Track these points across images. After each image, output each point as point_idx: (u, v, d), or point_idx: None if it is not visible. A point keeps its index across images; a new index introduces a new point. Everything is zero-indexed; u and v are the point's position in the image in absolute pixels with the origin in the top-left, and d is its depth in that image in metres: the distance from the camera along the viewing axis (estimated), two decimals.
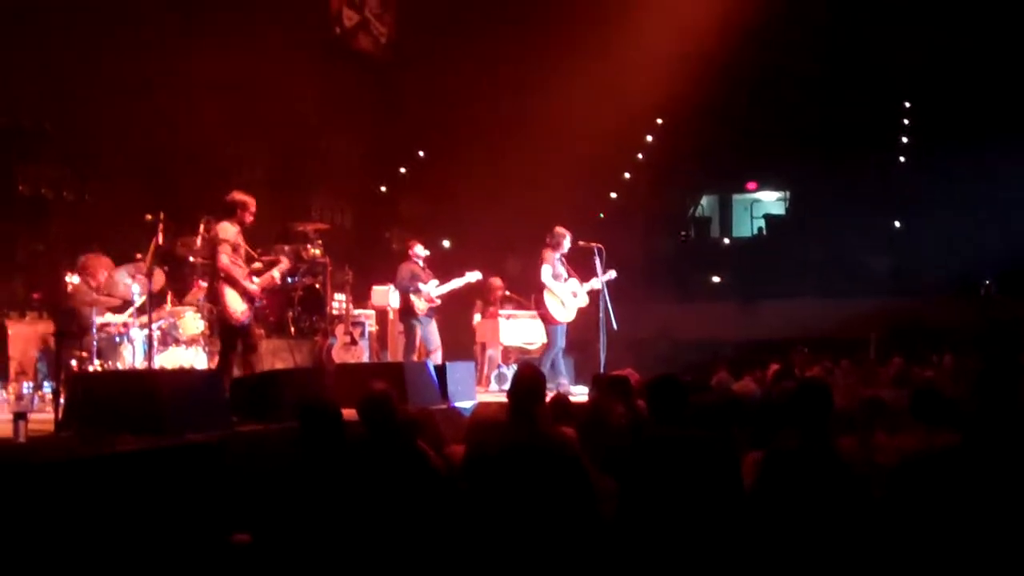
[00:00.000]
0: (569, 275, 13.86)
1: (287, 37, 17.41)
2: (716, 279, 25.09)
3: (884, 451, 6.52)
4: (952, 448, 5.04)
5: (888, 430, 6.92)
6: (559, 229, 13.82)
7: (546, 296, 13.65)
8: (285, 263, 11.46)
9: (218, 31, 15.91)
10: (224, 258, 10.39)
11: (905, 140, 25.04)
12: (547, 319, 13.83)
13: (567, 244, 13.81)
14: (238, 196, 10.69)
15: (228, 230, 10.48)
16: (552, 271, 13.64)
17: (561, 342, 13.89)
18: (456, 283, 14.57)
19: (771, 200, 28.60)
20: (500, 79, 20.61)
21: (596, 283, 13.87)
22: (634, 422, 7.05)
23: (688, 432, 5.98)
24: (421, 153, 22.65)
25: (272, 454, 7.91)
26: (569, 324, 13.93)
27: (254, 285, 10.59)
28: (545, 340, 14.42)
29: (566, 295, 13.74)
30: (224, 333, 10.79)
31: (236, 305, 10.41)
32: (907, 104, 24.97)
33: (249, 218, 10.69)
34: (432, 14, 21.25)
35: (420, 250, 14.47)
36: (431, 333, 14.26)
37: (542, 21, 20.26)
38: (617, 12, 19.71)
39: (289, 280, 13.85)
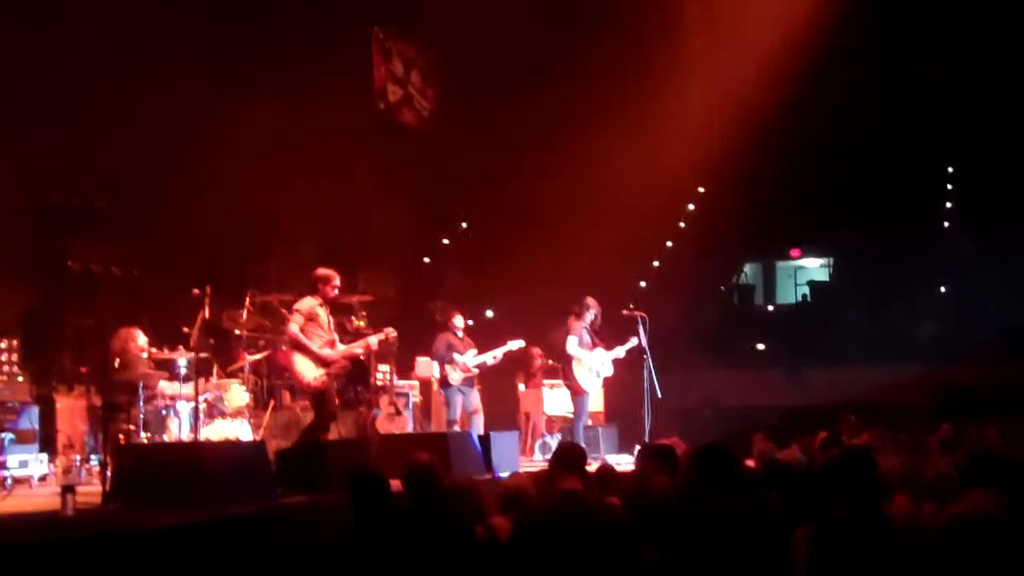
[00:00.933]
0: (595, 345, 13.88)
1: (333, 112, 17.64)
2: (760, 346, 24.94)
3: (933, 517, 6.45)
4: (1003, 514, 4.98)
5: (937, 497, 6.84)
6: (588, 300, 13.88)
7: (574, 366, 13.65)
8: (386, 332, 11.86)
9: (265, 107, 16.15)
10: (293, 327, 10.87)
11: (949, 205, 24.91)
12: (575, 389, 13.81)
13: (591, 315, 13.84)
14: (320, 271, 11.24)
15: (305, 302, 11.02)
16: (578, 340, 13.67)
17: (585, 412, 13.91)
18: (497, 352, 14.64)
19: (815, 267, 28.47)
20: (542, 149, 20.71)
21: (620, 352, 13.90)
22: (679, 492, 7.00)
23: (732, 503, 5.93)
24: (464, 224, 22.77)
25: (317, 526, 7.92)
26: (613, 393, 13.92)
27: (332, 352, 10.85)
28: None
29: (594, 364, 13.76)
30: (310, 400, 11.16)
31: (307, 371, 10.77)
32: (951, 169, 24.86)
33: (331, 292, 11.21)
34: (473, 87, 21.47)
35: (459, 321, 14.62)
36: (472, 400, 14.32)
37: (583, 92, 20.40)
38: (658, 82, 19.80)
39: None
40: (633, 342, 13.97)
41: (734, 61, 19.78)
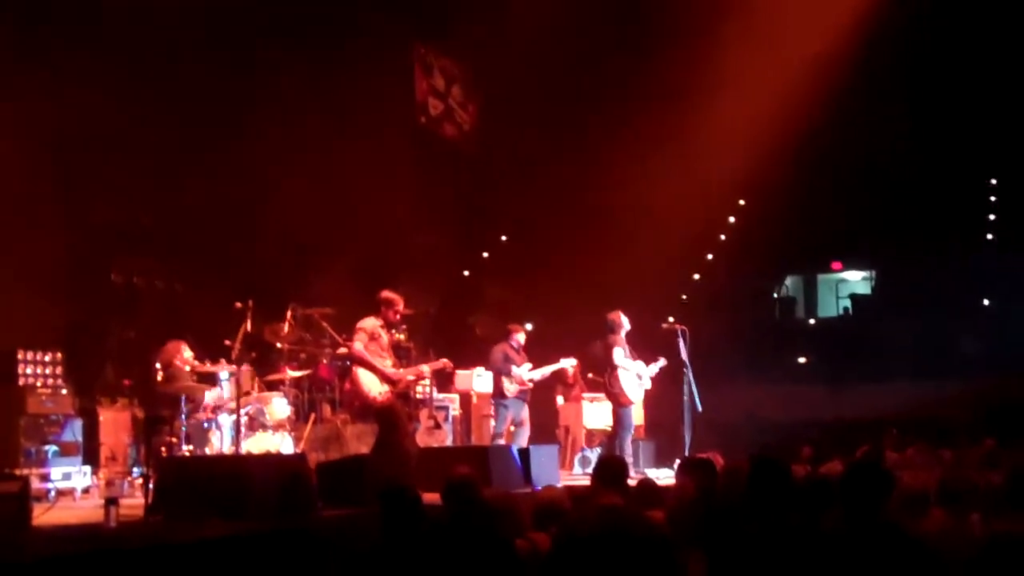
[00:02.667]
0: (633, 358, 13.92)
1: (374, 126, 17.72)
2: (802, 360, 24.82)
3: (975, 532, 6.41)
4: None
5: (980, 512, 6.79)
6: (612, 314, 14.03)
7: (621, 376, 13.65)
8: (443, 363, 12.23)
9: (306, 122, 16.25)
10: (357, 344, 11.02)
11: (992, 217, 24.73)
12: (621, 401, 13.78)
13: (626, 324, 13.90)
14: (384, 294, 11.37)
15: (368, 322, 11.16)
16: (624, 352, 13.69)
17: (631, 424, 13.91)
18: (550, 368, 14.73)
19: (856, 280, 28.32)
20: (582, 162, 20.73)
21: (653, 369, 13.92)
22: (719, 506, 6.97)
23: (783, 522, 5.87)
24: (504, 238, 22.79)
25: (358, 538, 7.94)
26: (652, 407, 13.92)
27: (394, 372, 10.97)
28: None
29: (637, 376, 13.79)
30: (376, 417, 11.29)
31: (372, 386, 10.90)
32: (993, 181, 24.69)
33: (394, 316, 11.42)
34: (514, 101, 21.50)
35: (520, 336, 14.69)
36: (521, 413, 14.37)
37: (622, 105, 20.39)
38: (699, 95, 19.77)
39: None
40: (662, 362, 14.01)
41: (774, 75, 19.71)
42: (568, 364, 15.22)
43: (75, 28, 13.57)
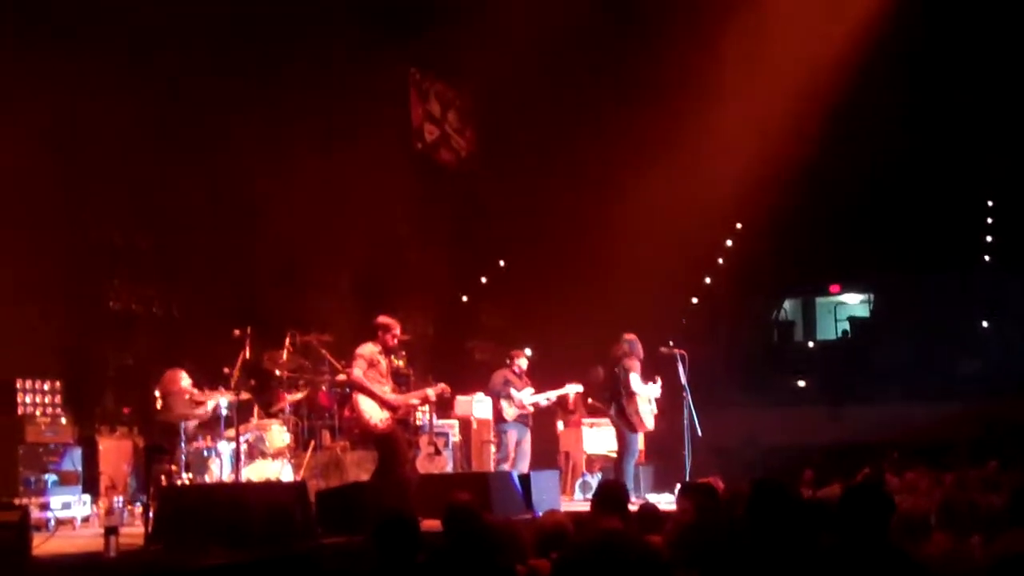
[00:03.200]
0: (646, 380, 13.85)
1: (371, 153, 17.74)
2: (801, 383, 24.81)
3: (977, 555, 6.40)
4: None
5: (984, 533, 6.78)
6: (631, 336, 13.76)
7: (639, 403, 13.49)
8: (442, 387, 11.92)
9: (304, 148, 16.28)
10: (356, 371, 10.91)
11: (990, 239, 24.76)
12: (636, 427, 13.59)
13: (639, 349, 13.79)
14: (381, 320, 11.28)
15: (367, 348, 11.04)
16: (639, 378, 13.54)
17: (637, 449, 13.83)
18: (552, 394, 14.73)
19: (855, 302, 28.34)
20: (578, 188, 20.75)
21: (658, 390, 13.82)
22: (720, 530, 6.96)
23: (783, 546, 5.86)
24: (502, 263, 22.80)
25: (357, 566, 7.92)
26: (654, 432, 13.85)
27: (394, 398, 10.94)
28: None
29: (651, 401, 13.71)
30: (376, 445, 11.23)
31: (373, 413, 10.81)
32: (990, 203, 24.74)
33: (392, 340, 11.29)
34: (510, 127, 21.54)
35: (522, 362, 14.72)
36: (523, 442, 14.34)
37: (618, 130, 20.43)
38: (694, 119, 19.82)
39: None
40: (659, 383, 13.90)
41: (770, 99, 19.77)
42: (573, 390, 15.23)
43: (69, 46, 13.57)
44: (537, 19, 17.82)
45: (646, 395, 13.57)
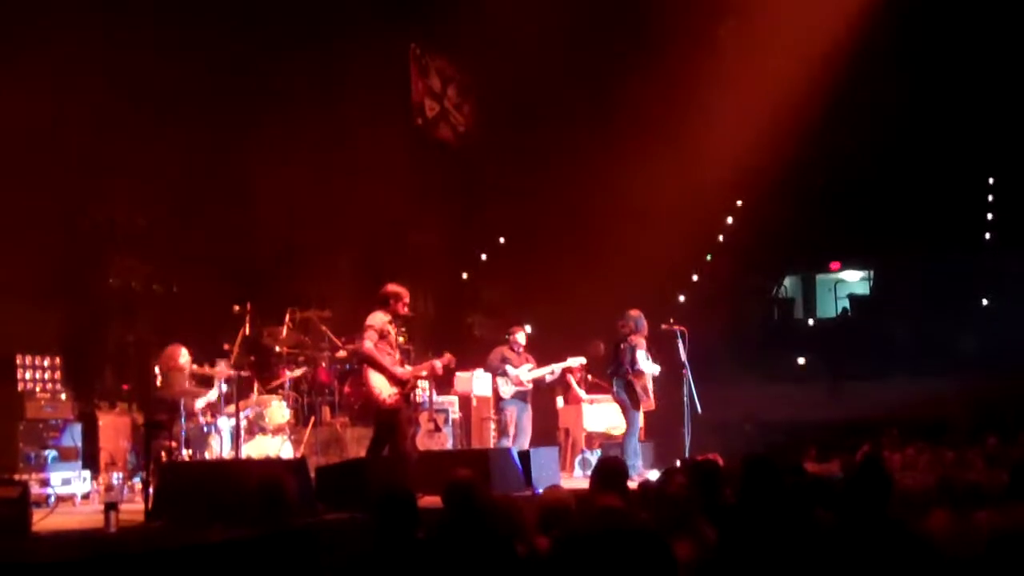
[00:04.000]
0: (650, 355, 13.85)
1: (371, 129, 17.71)
2: (801, 360, 24.80)
3: (979, 530, 6.40)
4: None
5: (984, 510, 6.78)
6: (635, 312, 13.73)
7: (648, 382, 13.51)
8: (447, 357, 11.79)
9: (303, 124, 16.24)
10: (368, 343, 10.81)
11: (990, 216, 24.73)
12: (641, 404, 13.62)
13: (644, 326, 13.76)
14: (391, 287, 11.19)
15: (377, 318, 10.94)
16: (646, 355, 13.53)
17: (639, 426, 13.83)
18: (555, 367, 14.67)
19: (855, 280, 28.30)
20: (578, 164, 20.72)
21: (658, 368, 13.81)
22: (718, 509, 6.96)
23: (778, 520, 5.86)
24: (502, 239, 22.78)
25: (358, 542, 7.93)
26: (654, 409, 13.85)
27: (403, 370, 10.83)
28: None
29: (654, 379, 13.72)
30: (376, 419, 11.09)
31: (383, 388, 10.73)
32: (991, 180, 24.69)
33: (403, 308, 11.20)
34: (510, 102, 21.49)
35: (520, 337, 14.66)
36: (523, 418, 14.32)
37: (618, 106, 20.39)
38: (695, 95, 19.77)
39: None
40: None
41: (772, 75, 19.73)
42: (576, 362, 15.17)
43: (65, 37, 13.53)
44: None
45: (651, 373, 13.59)
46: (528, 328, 15.30)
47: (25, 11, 13.04)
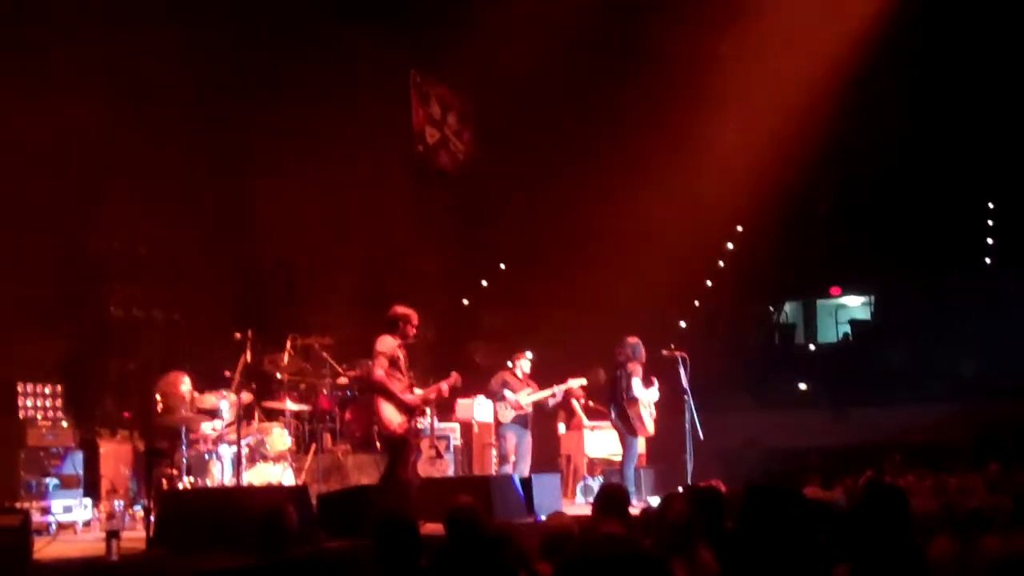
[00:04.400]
0: (648, 383, 13.88)
1: (371, 156, 17.75)
2: (803, 386, 24.79)
3: (982, 556, 6.38)
4: None
5: (986, 536, 6.76)
6: (633, 339, 13.81)
7: (641, 409, 13.56)
8: (454, 377, 11.65)
9: (304, 151, 16.29)
10: (379, 371, 10.76)
11: (991, 241, 24.76)
12: (636, 431, 13.68)
13: (641, 353, 13.82)
14: (399, 310, 11.10)
15: (387, 343, 10.85)
16: (641, 383, 13.59)
17: (637, 453, 13.85)
18: (556, 389, 14.64)
19: (856, 305, 28.32)
20: (579, 190, 20.74)
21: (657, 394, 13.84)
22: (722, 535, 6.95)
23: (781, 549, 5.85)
24: (502, 265, 22.80)
25: (360, 570, 7.92)
26: (655, 435, 13.86)
27: (413, 396, 10.78)
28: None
29: (650, 406, 13.73)
30: (385, 445, 11.00)
31: (393, 417, 10.65)
32: (991, 205, 24.73)
33: (412, 331, 11.12)
34: (508, 130, 21.54)
35: (524, 363, 14.64)
36: (523, 443, 14.30)
37: (618, 133, 20.42)
38: (695, 121, 19.81)
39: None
40: (655, 384, 13.91)
41: (772, 100, 19.77)
42: (576, 383, 15.16)
43: (69, 55, 13.58)
44: (537, 22, 17.82)
45: (647, 400, 13.60)
46: (530, 355, 15.28)
47: (26, 39, 13.08)
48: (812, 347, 27.48)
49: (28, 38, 13.05)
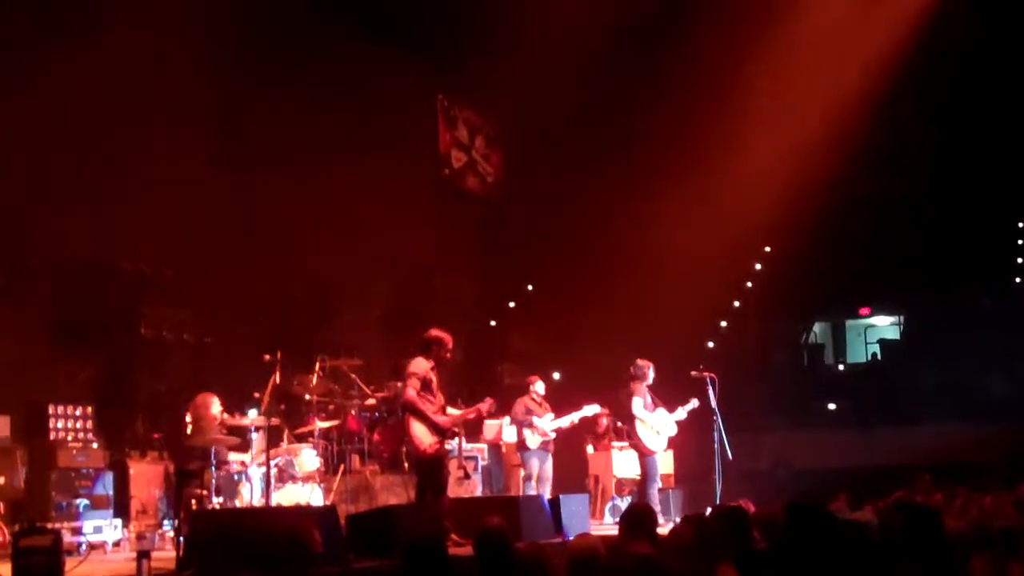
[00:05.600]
0: (656, 406, 13.90)
1: (399, 179, 17.83)
2: (832, 406, 24.68)
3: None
4: None
5: (1020, 557, 6.73)
6: (642, 361, 13.95)
7: (639, 427, 13.70)
8: (488, 403, 11.62)
9: (332, 175, 16.37)
10: (411, 391, 10.71)
11: (1020, 260, 24.63)
12: (642, 450, 13.82)
13: (651, 375, 13.88)
14: (434, 333, 11.09)
15: (420, 364, 10.83)
16: (643, 402, 13.70)
17: (657, 474, 13.85)
18: (574, 416, 14.67)
19: (885, 325, 28.20)
20: (606, 211, 20.78)
21: (681, 413, 13.90)
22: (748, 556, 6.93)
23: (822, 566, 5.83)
24: (530, 287, 22.82)
25: None
26: (682, 455, 13.87)
27: (445, 418, 10.79)
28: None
29: (658, 425, 13.76)
30: (417, 468, 11.03)
31: (424, 437, 10.65)
32: (1021, 224, 24.61)
33: (445, 354, 11.08)
34: (536, 152, 21.60)
35: (539, 387, 14.68)
36: (545, 468, 14.30)
37: (646, 153, 20.44)
38: (723, 142, 19.81)
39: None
40: (693, 403, 13.96)
41: (799, 120, 19.75)
42: (591, 411, 15.15)
43: (96, 85, 13.70)
44: (564, 43, 17.87)
45: (648, 420, 13.69)
46: (556, 376, 15.28)
47: (46, 50, 13.15)
48: (841, 367, 27.36)
49: (60, 53, 13.15)
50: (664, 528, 7.70)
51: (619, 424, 16.18)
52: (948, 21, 19.23)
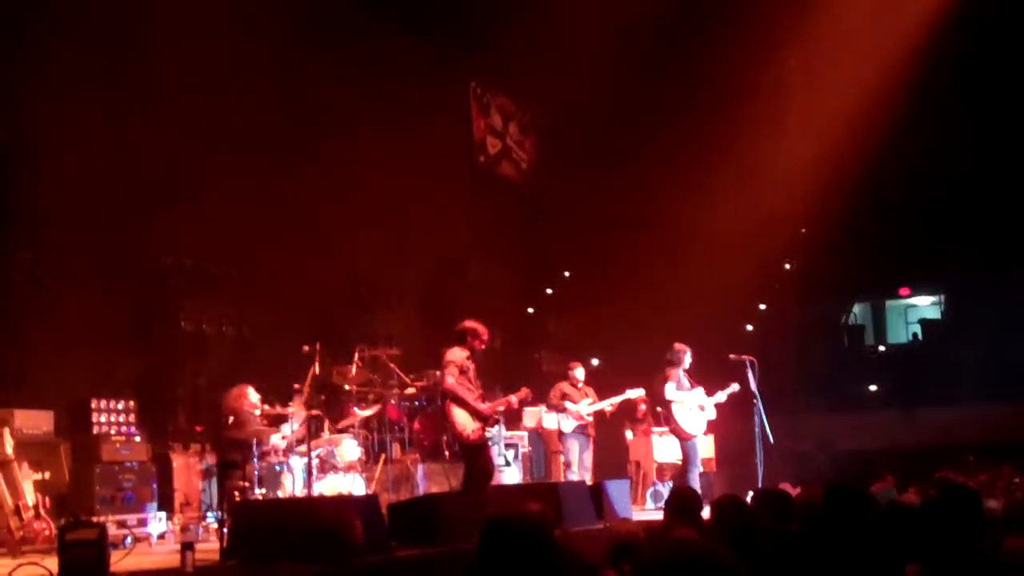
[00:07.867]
0: (693, 387, 13.82)
1: (433, 167, 17.84)
2: (873, 387, 24.54)
3: None
4: None
5: None
6: (678, 345, 13.88)
7: (675, 410, 13.61)
8: (524, 392, 11.72)
9: (367, 164, 16.39)
10: (450, 379, 10.80)
11: None
12: (680, 435, 13.74)
13: (688, 359, 13.81)
14: (469, 324, 11.18)
15: (456, 353, 10.93)
16: (676, 386, 13.62)
17: (697, 458, 13.79)
18: (614, 400, 14.64)
19: (925, 305, 27.99)
20: (642, 195, 20.71)
21: (721, 396, 13.82)
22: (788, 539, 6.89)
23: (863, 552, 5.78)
24: (567, 273, 22.80)
25: None
26: (724, 439, 13.80)
27: (485, 406, 10.84)
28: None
29: (694, 408, 13.69)
30: (463, 454, 11.11)
31: (466, 423, 10.72)
32: None
33: (480, 345, 11.19)
34: (572, 137, 21.55)
35: (579, 372, 14.69)
36: (585, 455, 14.29)
37: (682, 138, 20.35)
38: (759, 124, 19.72)
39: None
40: (734, 387, 13.88)
41: (836, 99, 19.63)
42: (635, 394, 15.13)
43: (137, 91, 13.80)
44: (598, 29, 17.82)
45: (685, 402, 13.61)
46: (595, 361, 15.27)
47: (92, 58, 13.27)
48: (882, 348, 27.19)
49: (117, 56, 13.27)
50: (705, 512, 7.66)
51: (658, 409, 16.15)
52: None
